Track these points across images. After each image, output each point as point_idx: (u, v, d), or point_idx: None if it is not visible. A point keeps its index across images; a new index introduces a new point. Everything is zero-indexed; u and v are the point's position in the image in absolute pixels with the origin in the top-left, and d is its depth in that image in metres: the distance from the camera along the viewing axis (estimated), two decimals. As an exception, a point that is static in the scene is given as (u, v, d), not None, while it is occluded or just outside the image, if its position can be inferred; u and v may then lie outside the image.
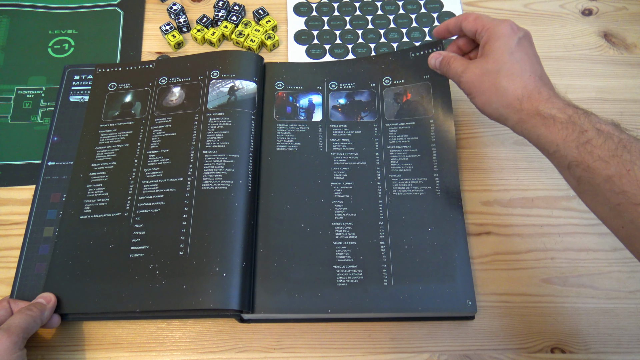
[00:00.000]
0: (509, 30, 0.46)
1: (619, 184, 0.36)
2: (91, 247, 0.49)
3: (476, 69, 0.46)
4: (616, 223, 0.38)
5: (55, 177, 0.55)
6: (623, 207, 0.36)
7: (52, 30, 0.66)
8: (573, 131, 0.39)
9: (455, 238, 0.49)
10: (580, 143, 0.39)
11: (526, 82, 0.43)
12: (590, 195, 0.39)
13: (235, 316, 0.48)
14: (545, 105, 0.42)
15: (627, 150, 0.37)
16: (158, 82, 0.58)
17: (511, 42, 0.45)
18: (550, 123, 0.41)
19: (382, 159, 0.54)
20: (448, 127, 0.55)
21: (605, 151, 0.38)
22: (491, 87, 0.44)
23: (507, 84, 0.43)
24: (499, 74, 0.44)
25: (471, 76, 0.46)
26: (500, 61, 0.44)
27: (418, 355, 0.48)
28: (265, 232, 0.50)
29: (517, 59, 0.44)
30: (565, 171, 0.41)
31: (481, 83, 0.45)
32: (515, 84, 0.43)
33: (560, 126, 0.40)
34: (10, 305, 0.45)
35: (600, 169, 0.37)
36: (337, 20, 0.67)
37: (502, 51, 0.45)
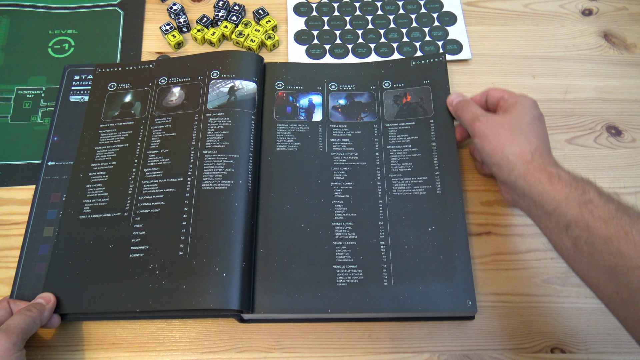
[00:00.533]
0: (534, 104, 0.49)
1: (617, 245, 0.37)
2: (91, 247, 0.49)
3: (496, 117, 0.49)
4: (610, 288, 0.38)
5: (55, 177, 0.55)
6: (619, 270, 0.37)
7: (52, 30, 0.66)
8: (576, 190, 0.41)
9: (455, 237, 0.49)
10: (582, 202, 0.40)
11: (539, 144, 0.46)
12: (586, 257, 0.39)
13: (235, 316, 0.48)
14: (553, 165, 0.44)
15: (627, 213, 0.38)
16: (158, 82, 0.58)
17: (533, 112, 0.48)
18: (555, 180, 0.42)
19: (382, 158, 0.54)
20: (448, 126, 0.55)
21: (606, 212, 0.38)
22: (507, 135, 0.46)
23: (523, 139, 0.46)
24: (517, 129, 0.47)
25: (490, 121, 0.48)
26: (522, 121, 0.47)
27: (418, 355, 0.48)
28: (265, 232, 0.50)
29: (535, 126, 0.47)
30: (562, 232, 0.41)
31: (498, 129, 0.47)
32: (530, 141, 0.46)
33: (564, 184, 0.41)
34: (10, 305, 0.45)
35: (599, 229, 0.38)
36: (337, 20, 0.67)
37: (524, 114, 0.48)
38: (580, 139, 0.59)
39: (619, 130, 0.59)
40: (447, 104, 0.55)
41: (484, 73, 0.63)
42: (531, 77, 0.63)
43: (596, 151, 0.58)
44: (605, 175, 0.56)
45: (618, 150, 0.58)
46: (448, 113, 0.55)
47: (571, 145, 0.58)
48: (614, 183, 0.56)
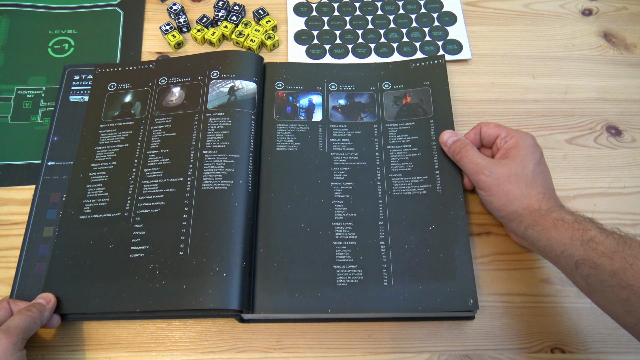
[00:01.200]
0: (534, 143, 0.49)
1: (624, 278, 0.38)
2: (91, 247, 0.49)
3: (501, 169, 0.47)
4: (630, 321, 0.39)
5: (55, 177, 0.55)
6: (631, 302, 0.38)
7: (52, 30, 0.66)
8: (578, 230, 0.42)
9: (456, 235, 0.49)
10: (585, 240, 0.41)
11: (545, 191, 0.47)
12: (600, 294, 0.40)
13: (235, 316, 0.48)
14: (558, 209, 0.45)
15: (628, 245, 0.39)
16: (158, 82, 0.58)
17: (536, 154, 0.48)
18: (560, 224, 0.43)
19: (382, 158, 0.54)
20: (448, 126, 0.55)
21: (608, 247, 0.40)
22: (514, 190, 0.46)
23: (530, 190, 0.46)
24: (524, 180, 0.46)
25: (495, 174, 0.47)
26: (527, 170, 0.47)
27: (418, 355, 0.48)
28: (265, 232, 0.50)
29: (540, 171, 0.48)
30: (573, 272, 0.42)
31: (505, 184, 0.47)
32: (537, 190, 0.46)
33: (568, 226, 0.43)
34: (10, 305, 0.45)
35: (605, 264, 0.39)
36: (337, 20, 0.67)
37: (528, 161, 0.47)
38: (580, 139, 0.59)
39: (619, 130, 0.59)
40: (441, 143, 0.53)
41: (484, 73, 0.63)
42: (531, 77, 0.63)
43: (596, 151, 0.58)
44: (605, 175, 0.56)
45: (618, 150, 0.58)
46: (448, 114, 0.56)
47: (571, 145, 0.58)
48: (614, 183, 0.56)
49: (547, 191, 0.47)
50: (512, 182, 0.46)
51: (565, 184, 0.56)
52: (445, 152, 0.53)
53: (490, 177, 0.47)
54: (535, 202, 0.45)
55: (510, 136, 0.49)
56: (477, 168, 0.48)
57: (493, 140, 0.51)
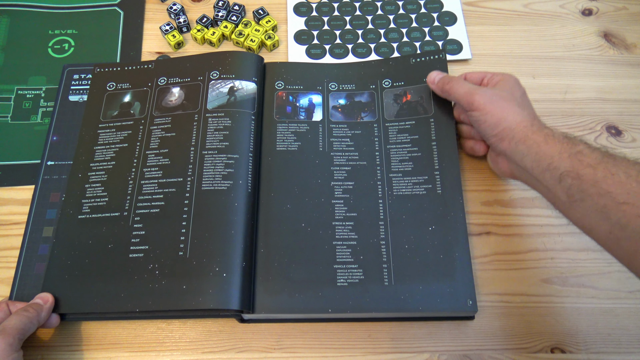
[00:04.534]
0: (518, 81, 0.52)
1: (604, 187, 0.39)
2: (90, 247, 0.49)
3: (492, 90, 0.50)
4: (604, 229, 0.40)
5: (55, 176, 0.55)
6: (609, 208, 0.39)
7: (52, 30, 0.66)
8: (567, 144, 0.44)
9: (456, 237, 0.49)
10: (572, 153, 0.43)
11: (534, 114, 0.50)
12: (579, 204, 0.42)
13: (236, 316, 0.48)
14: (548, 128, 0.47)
15: (612, 157, 0.41)
16: (157, 83, 0.58)
17: (521, 88, 0.51)
18: (550, 139, 0.45)
19: (382, 158, 0.54)
20: (448, 125, 0.55)
21: (593, 159, 0.41)
22: (507, 106, 0.48)
23: (521, 110, 0.48)
24: (514, 100, 0.49)
25: (488, 93, 0.49)
26: (516, 94, 0.50)
27: (418, 355, 0.48)
28: (265, 232, 0.50)
29: (526, 100, 0.51)
30: (556, 185, 0.43)
31: (498, 101, 0.48)
32: (528, 111, 0.49)
33: (558, 141, 0.44)
34: (8, 307, 0.45)
35: (588, 174, 0.41)
36: (337, 20, 0.67)
37: (515, 89, 0.50)
38: (580, 139, 0.59)
39: (619, 130, 0.59)
40: (428, 82, 0.55)
41: (484, 73, 0.63)
42: (531, 77, 0.63)
43: (596, 151, 0.58)
44: (605, 175, 0.56)
45: (618, 150, 0.58)
46: (449, 111, 0.55)
47: (571, 145, 0.58)
48: (614, 183, 0.56)
49: (535, 115, 0.49)
50: (505, 100, 0.49)
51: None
52: (433, 90, 0.55)
53: (484, 96, 0.49)
54: (528, 120, 0.47)
55: (496, 74, 0.52)
56: (469, 90, 0.50)
57: (479, 82, 0.53)
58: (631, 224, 0.38)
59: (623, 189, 0.38)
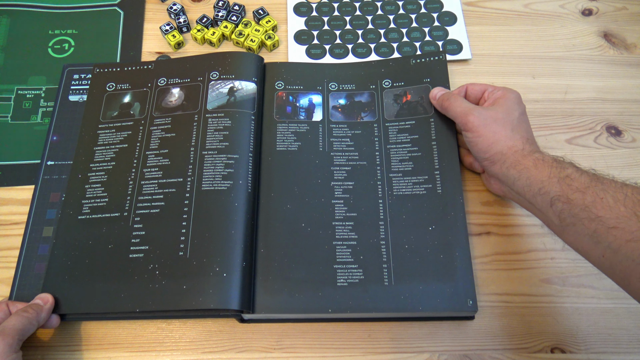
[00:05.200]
0: (519, 98, 0.51)
1: (594, 211, 0.40)
2: (90, 248, 0.49)
3: (488, 111, 0.50)
4: (596, 253, 0.40)
5: (55, 176, 0.55)
6: (599, 233, 0.39)
7: (52, 30, 0.66)
8: (556, 168, 0.44)
9: (456, 236, 0.49)
10: (561, 177, 0.43)
11: (528, 136, 0.49)
12: (571, 228, 0.42)
13: (236, 316, 0.48)
14: (539, 152, 0.47)
15: (600, 181, 0.41)
16: (157, 83, 0.58)
17: (521, 106, 0.51)
18: (540, 164, 0.45)
19: (383, 158, 0.54)
20: (448, 125, 0.55)
21: (582, 183, 0.42)
22: (500, 131, 0.48)
23: (514, 133, 0.48)
24: (509, 123, 0.49)
25: (483, 115, 0.49)
26: (513, 115, 0.49)
27: (418, 355, 0.48)
28: (265, 232, 0.50)
29: (524, 120, 0.50)
30: (548, 210, 0.44)
31: (492, 124, 0.48)
32: (521, 134, 0.48)
33: (547, 165, 0.45)
34: (8, 307, 0.45)
35: (577, 199, 0.41)
36: (337, 20, 0.67)
37: (513, 109, 0.50)
38: (580, 139, 0.59)
39: (619, 130, 0.59)
40: (430, 98, 0.55)
41: (484, 73, 0.63)
42: (531, 77, 0.63)
43: (596, 151, 0.58)
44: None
45: (618, 150, 0.58)
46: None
47: (571, 145, 0.58)
48: (614, 183, 0.56)
49: (529, 137, 0.49)
50: (498, 124, 0.48)
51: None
52: (434, 105, 0.55)
53: (479, 118, 0.49)
54: (520, 144, 0.47)
55: (497, 89, 0.52)
56: (465, 110, 0.50)
57: (480, 96, 0.53)
58: (622, 249, 0.38)
59: (612, 213, 0.39)
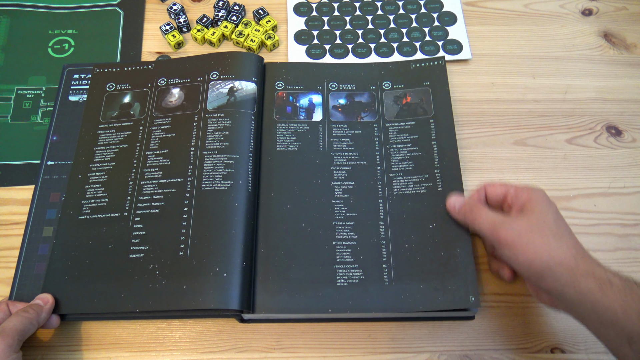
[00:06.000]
0: (546, 195, 0.45)
1: None
2: (90, 248, 0.49)
3: (520, 221, 0.43)
4: None
5: (55, 176, 0.55)
6: None
7: (52, 30, 0.66)
8: (632, 299, 0.36)
9: (458, 233, 0.49)
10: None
11: (576, 244, 0.41)
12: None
13: (236, 316, 0.48)
14: (599, 267, 0.39)
15: None
16: (157, 83, 0.58)
17: (553, 207, 0.44)
18: (607, 287, 0.37)
19: (383, 158, 0.54)
20: (448, 125, 0.55)
21: None
22: (540, 241, 0.41)
23: (558, 243, 0.41)
24: (548, 231, 0.41)
25: (516, 227, 0.42)
26: (548, 220, 0.42)
27: (418, 355, 0.48)
28: (265, 232, 0.50)
29: (562, 223, 0.43)
30: (624, 345, 0.37)
31: (528, 235, 0.41)
32: (567, 243, 0.41)
33: (618, 291, 0.37)
34: (8, 307, 0.45)
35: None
36: (337, 20, 0.67)
37: (546, 212, 0.43)
38: (580, 139, 0.59)
39: (619, 130, 0.59)
40: (448, 209, 0.49)
41: (484, 73, 0.63)
42: (531, 77, 0.63)
43: (596, 151, 0.58)
44: (605, 175, 0.56)
45: (618, 150, 0.58)
46: (449, 113, 0.56)
47: (571, 145, 0.58)
48: (614, 183, 0.56)
49: (579, 247, 0.41)
50: (535, 233, 0.41)
51: (565, 184, 0.56)
52: (454, 218, 0.49)
53: (511, 231, 0.42)
54: (570, 257, 0.40)
55: (521, 191, 0.45)
56: (494, 224, 0.43)
57: (501, 199, 0.47)
58: None
59: None
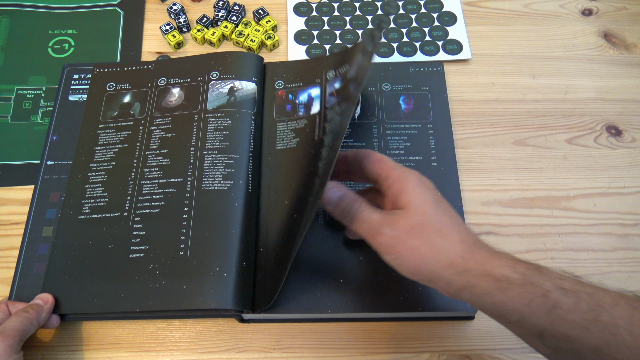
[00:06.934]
0: (420, 180, 0.39)
1: (607, 352, 0.31)
2: (90, 248, 0.49)
3: (397, 223, 0.37)
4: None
5: (55, 176, 0.55)
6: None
7: (52, 30, 0.66)
8: (534, 294, 0.33)
9: None
10: (549, 309, 0.33)
11: (462, 235, 0.37)
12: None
13: (236, 316, 0.48)
14: (493, 262, 0.35)
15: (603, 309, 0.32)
16: (157, 83, 0.58)
17: (428, 193, 0.38)
18: (506, 286, 0.34)
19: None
20: (446, 130, 0.55)
21: (580, 315, 0.32)
22: (423, 245, 0.36)
23: (443, 241, 0.36)
24: (430, 229, 0.37)
25: (395, 231, 0.37)
26: (426, 215, 0.37)
27: (418, 355, 0.48)
28: (265, 232, 0.50)
29: (443, 211, 0.38)
30: (536, 341, 0.34)
31: (409, 240, 0.36)
32: (452, 239, 0.36)
33: (519, 289, 0.33)
34: (8, 308, 0.45)
35: (582, 338, 0.32)
36: (337, 20, 0.67)
37: (424, 202, 0.37)
38: (580, 139, 0.59)
39: (619, 130, 0.59)
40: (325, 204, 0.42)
41: (484, 73, 0.63)
42: (531, 77, 0.63)
43: (596, 151, 0.58)
44: (605, 175, 0.56)
45: (618, 150, 0.58)
46: (447, 118, 0.56)
47: (571, 145, 0.58)
48: (614, 183, 0.56)
49: (466, 240, 0.37)
50: (415, 236, 0.36)
51: (565, 184, 0.56)
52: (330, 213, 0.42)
53: (390, 237, 0.37)
54: (458, 257, 0.36)
55: (393, 179, 0.39)
56: (371, 228, 0.38)
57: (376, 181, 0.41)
58: None
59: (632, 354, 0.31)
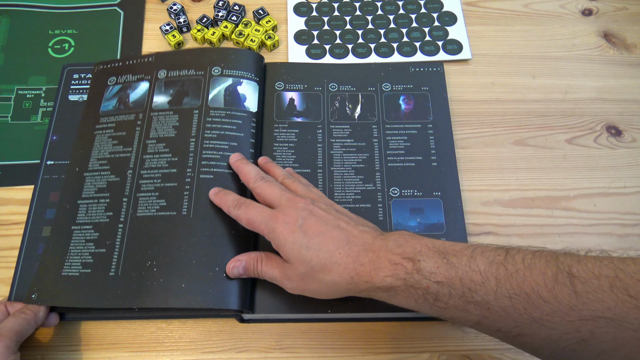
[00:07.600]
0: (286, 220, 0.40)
1: (487, 325, 0.35)
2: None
3: (292, 277, 0.41)
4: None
5: (55, 176, 0.55)
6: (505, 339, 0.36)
7: (52, 30, 0.66)
8: (417, 295, 0.36)
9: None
10: (431, 303, 0.36)
11: (344, 261, 0.38)
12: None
13: (235, 316, 0.48)
14: (377, 275, 0.37)
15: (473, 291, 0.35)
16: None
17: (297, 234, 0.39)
18: (394, 294, 0.37)
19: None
20: (447, 130, 0.55)
21: (458, 300, 0.35)
22: (320, 286, 0.39)
23: (332, 276, 0.38)
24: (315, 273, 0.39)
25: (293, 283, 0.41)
26: (305, 260, 0.38)
27: (418, 355, 0.48)
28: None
29: (317, 244, 0.39)
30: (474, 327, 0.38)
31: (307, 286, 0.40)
32: (337, 270, 0.38)
33: (404, 294, 0.37)
34: (6, 308, 0.45)
35: (464, 317, 0.36)
36: (337, 20, 0.67)
37: (298, 250, 0.39)
38: (580, 139, 0.59)
39: (619, 130, 0.59)
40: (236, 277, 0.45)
41: (484, 73, 0.63)
42: (531, 77, 0.63)
43: (596, 151, 0.58)
44: (605, 175, 0.56)
45: (618, 150, 0.58)
46: (447, 118, 0.56)
47: (571, 145, 0.58)
48: (614, 183, 0.56)
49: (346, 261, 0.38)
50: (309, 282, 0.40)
51: (565, 184, 0.56)
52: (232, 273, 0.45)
53: (291, 287, 0.42)
54: (349, 283, 0.38)
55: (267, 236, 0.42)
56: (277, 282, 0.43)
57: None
58: None
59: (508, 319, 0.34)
